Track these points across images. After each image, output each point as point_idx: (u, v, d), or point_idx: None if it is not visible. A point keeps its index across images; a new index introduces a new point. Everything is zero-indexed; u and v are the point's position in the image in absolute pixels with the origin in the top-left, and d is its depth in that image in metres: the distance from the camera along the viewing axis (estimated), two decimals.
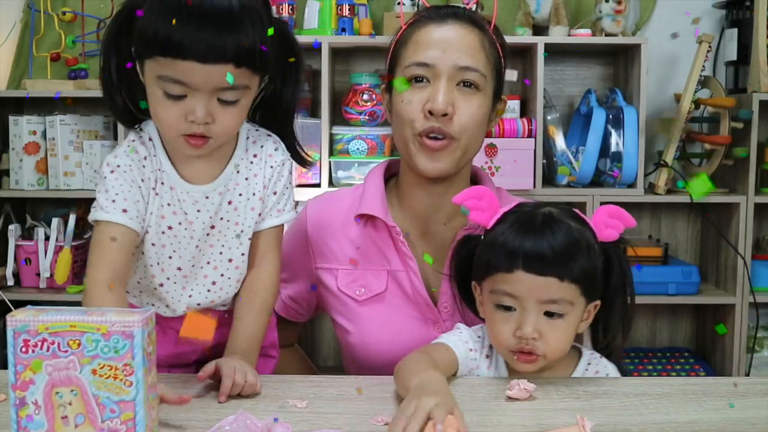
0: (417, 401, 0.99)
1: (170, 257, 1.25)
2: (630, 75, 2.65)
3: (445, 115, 1.32)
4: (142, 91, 1.19)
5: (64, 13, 2.73)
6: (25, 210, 2.82)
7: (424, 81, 1.34)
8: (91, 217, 1.19)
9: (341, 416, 1.08)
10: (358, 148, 2.57)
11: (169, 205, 1.23)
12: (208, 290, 1.28)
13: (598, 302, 1.24)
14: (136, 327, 0.87)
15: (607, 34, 2.59)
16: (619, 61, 2.77)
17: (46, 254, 2.60)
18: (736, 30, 2.70)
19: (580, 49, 2.77)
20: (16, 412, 0.88)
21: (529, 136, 2.56)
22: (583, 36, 2.61)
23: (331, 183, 2.57)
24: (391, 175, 1.50)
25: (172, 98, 1.13)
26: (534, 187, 2.55)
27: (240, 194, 1.25)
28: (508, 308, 1.19)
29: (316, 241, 1.45)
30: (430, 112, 1.32)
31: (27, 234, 2.70)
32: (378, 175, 1.47)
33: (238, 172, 1.25)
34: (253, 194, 1.26)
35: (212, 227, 1.25)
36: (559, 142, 2.59)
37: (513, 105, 2.64)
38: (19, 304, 1.97)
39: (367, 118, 2.60)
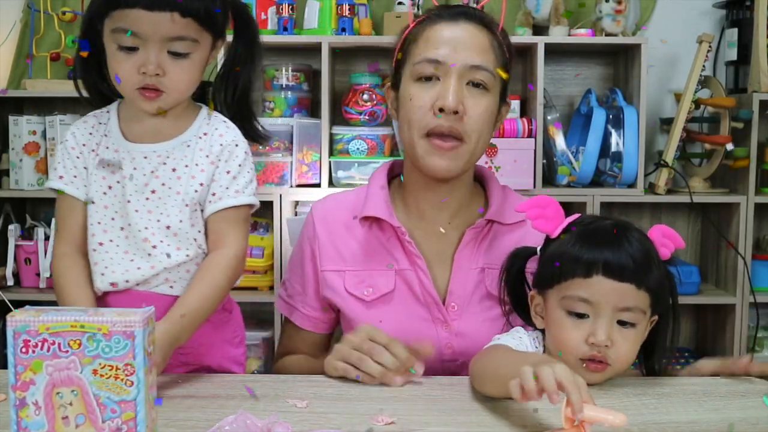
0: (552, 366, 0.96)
1: (113, 218, 1.28)
2: (630, 75, 2.65)
3: (455, 113, 1.31)
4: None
5: (64, 13, 2.73)
6: (25, 210, 2.82)
7: (434, 79, 1.34)
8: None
9: (341, 416, 1.07)
10: (358, 148, 2.57)
11: (108, 166, 1.28)
12: (149, 254, 1.26)
13: (656, 317, 1.24)
14: (137, 327, 0.87)
15: (607, 34, 2.59)
16: (619, 61, 2.77)
17: (46, 254, 2.60)
18: (736, 30, 2.70)
19: (580, 49, 2.77)
20: (17, 412, 0.88)
21: (529, 136, 2.56)
22: (583, 36, 2.61)
23: (331, 183, 2.58)
24: (394, 175, 1.50)
25: (126, 51, 1.20)
26: (534, 187, 2.55)
27: (186, 165, 1.27)
28: (581, 315, 1.17)
29: (324, 243, 1.44)
30: (441, 110, 1.31)
31: (27, 234, 2.70)
32: (381, 176, 1.46)
33: (188, 146, 1.28)
34: (196, 164, 1.27)
35: (153, 192, 1.26)
36: (559, 142, 2.60)
37: (513, 105, 2.63)
38: (19, 304, 1.97)
39: (367, 118, 2.61)
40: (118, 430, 0.88)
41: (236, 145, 1.29)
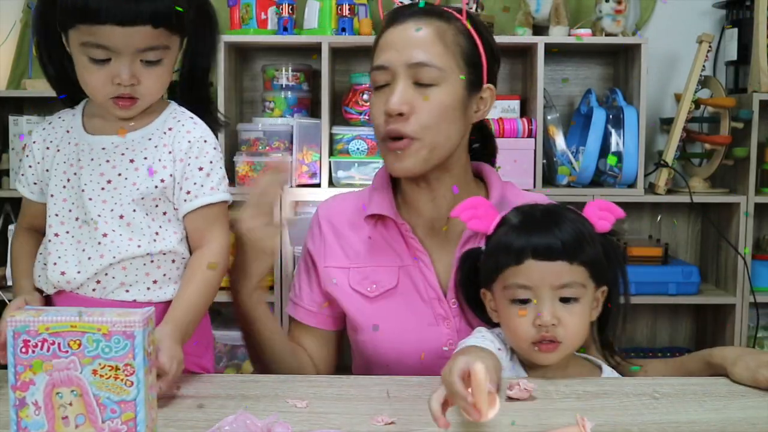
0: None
1: (70, 210, 1.28)
2: (630, 75, 2.65)
3: (401, 114, 1.32)
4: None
5: None
6: None
7: (385, 86, 1.35)
8: None
9: (341, 416, 1.07)
10: (358, 148, 2.57)
11: (67, 161, 1.29)
12: (99, 242, 1.25)
13: (605, 288, 1.26)
14: (137, 327, 0.87)
15: (607, 34, 2.59)
16: (619, 61, 2.77)
17: None
18: (736, 30, 2.71)
19: (580, 49, 2.77)
20: (16, 412, 0.88)
21: (529, 136, 2.56)
22: (583, 36, 2.61)
23: (331, 183, 2.57)
24: None
25: (97, 63, 1.20)
26: (534, 187, 2.55)
27: (145, 158, 1.27)
28: (524, 301, 1.20)
29: (329, 241, 1.45)
30: (389, 115, 1.33)
31: None
32: (385, 174, 1.47)
33: (149, 139, 1.28)
34: (159, 160, 1.27)
35: (108, 182, 1.26)
36: (559, 142, 2.60)
37: (513, 105, 2.64)
38: None
39: (367, 118, 2.60)
40: (117, 431, 0.88)
41: (205, 141, 1.28)
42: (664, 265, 2.64)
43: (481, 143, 1.51)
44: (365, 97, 2.61)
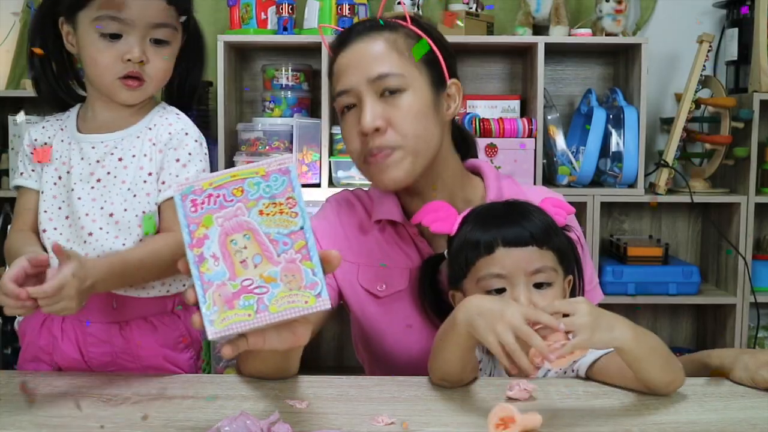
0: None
1: (60, 208, 1.30)
2: (630, 75, 2.65)
3: (377, 130, 1.31)
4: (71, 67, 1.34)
5: None
6: None
7: (353, 107, 1.35)
8: None
9: (341, 416, 1.08)
10: None
11: (60, 157, 1.31)
12: (84, 241, 1.27)
13: (571, 278, 1.28)
14: (290, 162, 0.92)
15: (608, 34, 2.59)
16: (619, 61, 2.77)
17: None
18: (736, 30, 2.71)
19: (580, 49, 2.77)
20: (197, 268, 0.90)
21: (529, 136, 2.56)
22: (583, 36, 2.61)
23: (331, 183, 2.57)
24: None
25: (108, 39, 1.23)
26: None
27: (134, 156, 1.30)
28: (499, 291, 1.21)
29: (342, 232, 1.43)
30: (364, 134, 1.32)
31: None
32: None
33: (138, 137, 1.31)
34: (144, 155, 1.29)
35: (98, 180, 1.28)
36: (559, 142, 2.60)
37: (513, 105, 2.64)
38: None
39: None
40: (293, 261, 0.91)
41: (186, 134, 1.31)
42: (665, 265, 2.64)
43: (459, 140, 1.48)
44: None
